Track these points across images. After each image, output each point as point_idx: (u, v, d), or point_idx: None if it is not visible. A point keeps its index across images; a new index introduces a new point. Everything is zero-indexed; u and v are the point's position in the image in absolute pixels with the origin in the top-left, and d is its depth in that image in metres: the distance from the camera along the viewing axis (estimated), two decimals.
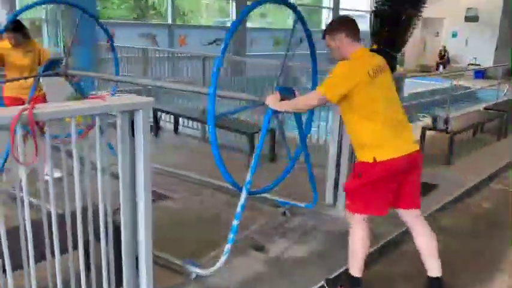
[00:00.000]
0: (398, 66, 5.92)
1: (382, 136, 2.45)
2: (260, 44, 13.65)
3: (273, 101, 2.84)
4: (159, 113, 6.50)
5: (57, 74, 4.16)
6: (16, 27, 4.07)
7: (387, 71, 2.55)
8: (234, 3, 12.53)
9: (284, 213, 3.83)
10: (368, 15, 4.87)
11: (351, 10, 16.03)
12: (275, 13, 18.06)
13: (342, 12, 16.56)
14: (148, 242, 2.26)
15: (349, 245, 2.65)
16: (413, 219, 2.64)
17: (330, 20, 3.42)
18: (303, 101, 2.72)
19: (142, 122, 2.12)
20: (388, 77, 2.55)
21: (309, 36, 3.33)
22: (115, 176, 2.12)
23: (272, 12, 17.85)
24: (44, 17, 9.40)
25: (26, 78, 4.15)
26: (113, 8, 15.19)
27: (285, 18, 16.65)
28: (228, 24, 12.82)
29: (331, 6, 16.43)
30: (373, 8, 4.39)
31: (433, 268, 2.63)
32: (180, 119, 6.54)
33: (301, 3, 15.35)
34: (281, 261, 3.15)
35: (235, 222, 2.86)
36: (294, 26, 3.22)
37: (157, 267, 2.65)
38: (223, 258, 2.80)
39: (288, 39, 3.25)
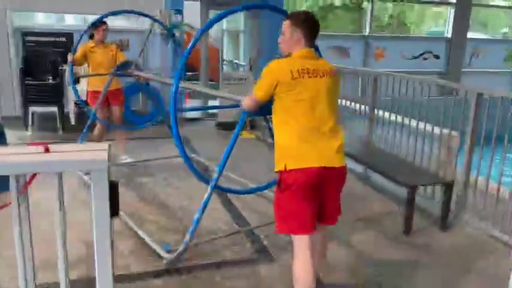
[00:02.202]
0: None
1: (296, 143, 2.36)
2: (486, 57, 11.23)
3: (243, 100, 2.77)
4: None
5: (127, 74, 5.08)
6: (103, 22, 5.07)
7: (328, 77, 2.42)
8: (452, 10, 10.57)
9: None
10: None
11: None
12: None
13: None
14: None
15: None
16: (320, 232, 2.52)
17: None
18: (247, 100, 2.67)
19: (96, 187, 1.35)
20: (325, 82, 2.41)
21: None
22: None
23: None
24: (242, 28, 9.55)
25: (102, 75, 5.01)
26: (334, 19, 14.96)
27: None
28: (445, 35, 10.90)
29: None
30: None
31: (321, 265, 2.70)
32: None
33: None
34: None
35: (197, 215, 3.06)
36: None
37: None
38: (182, 247, 3.07)
39: None
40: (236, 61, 9.68)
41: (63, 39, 7.11)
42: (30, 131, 6.70)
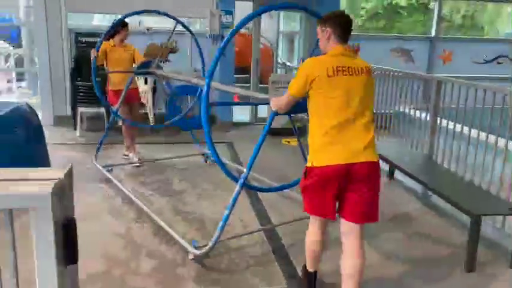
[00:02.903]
0: None
1: (323, 141, 2.42)
2: None
3: (274, 102, 2.84)
4: None
5: (148, 73, 5.13)
6: (125, 23, 5.15)
7: (363, 75, 2.45)
8: None
9: None
10: None
11: None
12: None
13: None
14: None
15: None
16: (349, 232, 2.48)
17: None
18: (280, 99, 2.74)
19: (37, 229, 1.04)
20: (360, 80, 2.43)
21: None
22: None
23: None
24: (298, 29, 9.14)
25: (124, 72, 5.12)
26: (403, 22, 14.21)
27: None
28: None
29: None
30: None
31: None
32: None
33: None
34: None
35: (226, 212, 3.11)
36: None
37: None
38: (211, 243, 3.08)
39: None
40: (289, 64, 9.30)
41: None
42: (78, 131, 6.73)
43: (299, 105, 2.72)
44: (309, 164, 2.47)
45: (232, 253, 3.32)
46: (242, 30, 10.06)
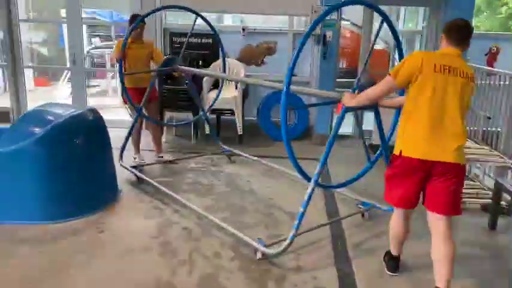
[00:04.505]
0: None
1: (415, 133, 2.52)
2: None
3: (348, 98, 3.00)
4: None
5: (170, 71, 5.14)
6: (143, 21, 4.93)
7: (466, 79, 2.51)
8: None
9: (363, 215, 3.93)
10: None
11: None
12: None
13: None
14: None
15: None
16: (435, 223, 2.64)
17: None
18: (373, 90, 2.78)
19: None
20: (462, 83, 2.50)
21: (396, 36, 3.60)
22: None
23: None
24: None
25: (145, 72, 5.04)
26: None
27: None
28: None
29: None
30: None
31: (440, 276, 2.59)
32: None
33: None
34: None
35: (301, 210, 3.15)
36: (379, 27, 3.50)
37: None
38: (287, 242, 3.10)
39: None
40: None
41: (209, 40, 6.58)
42: (165, 136, 6.34)
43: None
44: (396, 152, 2.60)
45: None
46: (355, 30, 9.04)
